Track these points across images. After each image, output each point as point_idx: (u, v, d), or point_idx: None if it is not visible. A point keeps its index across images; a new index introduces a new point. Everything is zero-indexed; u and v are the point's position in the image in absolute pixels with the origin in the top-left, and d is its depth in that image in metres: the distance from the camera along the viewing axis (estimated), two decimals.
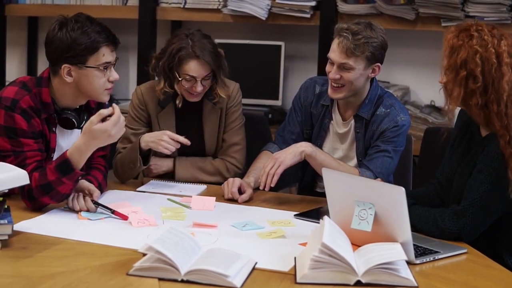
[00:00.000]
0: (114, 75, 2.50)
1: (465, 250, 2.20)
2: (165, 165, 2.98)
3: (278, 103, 4.24)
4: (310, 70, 4.16)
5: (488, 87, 2.24)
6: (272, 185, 2.65)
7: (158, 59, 2.90)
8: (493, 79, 2.24)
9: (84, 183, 2.52)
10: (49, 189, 2.37)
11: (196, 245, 1.98)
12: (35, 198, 2.39)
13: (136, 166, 2.81)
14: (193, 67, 2.81)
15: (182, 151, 2.92)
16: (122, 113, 2.42)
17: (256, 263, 1.98)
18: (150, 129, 3.00)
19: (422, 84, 4.09)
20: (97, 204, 2.44)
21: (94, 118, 2.34)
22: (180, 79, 2.84)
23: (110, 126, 2.34)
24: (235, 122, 3.04)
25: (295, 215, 2.53)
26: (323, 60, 3.98)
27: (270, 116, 4.11)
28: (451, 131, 2.57)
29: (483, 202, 2.27)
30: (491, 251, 2.29)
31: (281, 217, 2.50)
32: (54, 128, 2.53)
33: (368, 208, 2.10)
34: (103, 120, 2.35)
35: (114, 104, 2.39)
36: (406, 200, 2.01)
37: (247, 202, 2.68)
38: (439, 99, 2.90)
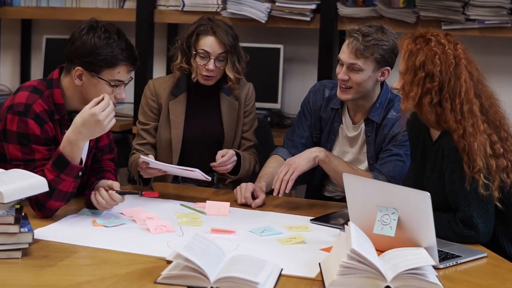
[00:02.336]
0: (122, 94, 2.49)
1: (485, 254, 2.21)
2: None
3: (277, 106, 4.22)
4: (309, 73, 4.16)
5: (443, 85, 2.30)
6: (287, 191, 2.64)
7: (180, 39, 3.02)
8: (450, 77, 2.30)
9: (101, 181, 2.50)
10: (51, 190, 2.31)
11: (221, 252, 1.97)
12: (43, 205, 2.36)
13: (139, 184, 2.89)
14: (209, 43, 2.92)
15: (199, 138, 3.02)
16: (119, 116, 2.43)
17: (282, 269, 1.97)
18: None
19: None
20: (122, 193, 2.43)
21: (86, 106, 2.32)
22: (194, 53, 2.93)
23: (98, 110, 2.30)
24: (254, 120, 3.14)
25: (311, 219, 2.52)
26: (322, 63, 3.98)
27: (269, 119, 4.09)
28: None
29: (476, 195, 2.27)
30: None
31: (297, 222, 2.49)
32: (66, 130, 2.49)
33: (391, 213, 2.10)
34: None
35: (104, 94, 2.37)
36: (431, 205, 2.01)
37: (261, 207, 2.67)
38: None
